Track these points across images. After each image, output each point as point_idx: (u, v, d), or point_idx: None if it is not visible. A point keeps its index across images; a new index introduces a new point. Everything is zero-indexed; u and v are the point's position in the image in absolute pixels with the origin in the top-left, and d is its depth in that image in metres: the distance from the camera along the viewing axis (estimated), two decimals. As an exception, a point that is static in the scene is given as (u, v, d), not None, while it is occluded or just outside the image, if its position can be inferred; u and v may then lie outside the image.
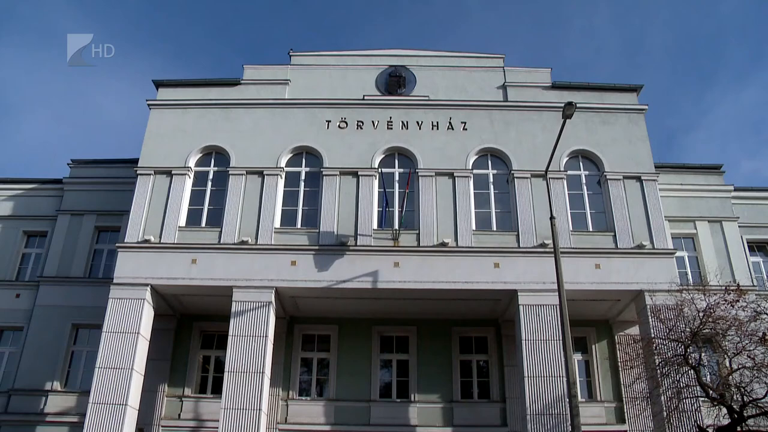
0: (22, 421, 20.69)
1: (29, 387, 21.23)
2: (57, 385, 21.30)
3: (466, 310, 21.58)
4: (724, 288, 16.94)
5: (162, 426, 20.66)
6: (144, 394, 19.72)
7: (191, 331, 22.16)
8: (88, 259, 23.38)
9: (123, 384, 18.52)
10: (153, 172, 21.63)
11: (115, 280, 19.81)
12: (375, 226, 20.81)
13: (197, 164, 22.17)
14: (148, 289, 19.70)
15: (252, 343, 19.11)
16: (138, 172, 21.62)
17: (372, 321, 22.05)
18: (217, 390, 20.31)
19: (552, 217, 16.99)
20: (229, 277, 19.82)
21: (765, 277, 23.64)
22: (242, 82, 23.39)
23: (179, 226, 20.84)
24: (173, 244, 20.41)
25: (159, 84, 23.34)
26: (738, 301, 16.27)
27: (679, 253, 21.98)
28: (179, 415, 20.88)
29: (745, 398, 15.27)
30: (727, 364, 16.22)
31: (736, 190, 24.35)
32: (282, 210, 21.37)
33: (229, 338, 19.19)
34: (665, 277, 19.57)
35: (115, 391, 18.42)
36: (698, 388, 16.22)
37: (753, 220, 24.12)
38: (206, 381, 21.72)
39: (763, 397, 15.12)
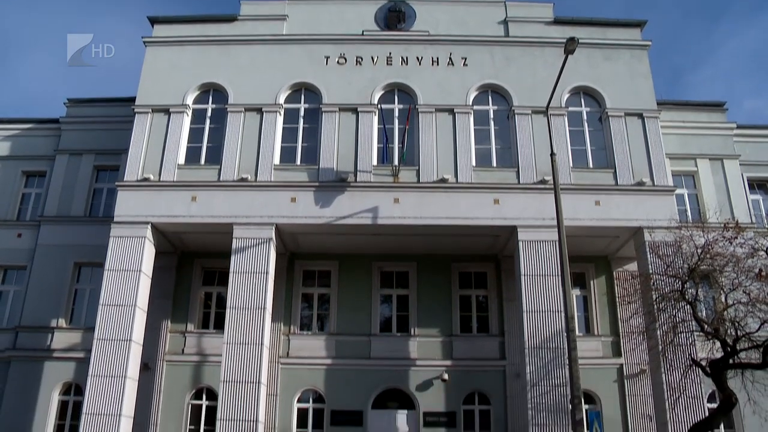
0: (30, 356, 21.09)
1: (35, 324, 21.56)
2: (62, 322, 21.64)
3: (465, 246, 21.67)
4: (722, 225, 16.97)
5: (166, 361, 21.08)
6: (147, 330, 20.00)
7: (192, 268, 22.35)
8: (87, 199, 23.42)
9: (127, 320, 18.82)
10: (150, 111, 21.37)
11: (115, 219, 19.87)
12: (375, 162, 20.74)
13: (195, 102, 21.91)
14: (149, 227, 19.78)
15: (253, 279, 19.30)
16: (135, 110, 21.38)
17: (372, 257, 22.20)
18: (219, 325, 20.54)
19: (552, 154, 16.92)
20: (229, 214, 19.86)
21: (764, 214, 23.69)
22: (239, 17, 22.88)
23: (178, 164, 20.75)
24: (173, 182, 20.39)
25: (154, 20, 22.83)
26: (736, 238, 16.30)
27: (679, 191, 21.92)
28: (182, 350, 21.28)
29: (738, 332, 15.48)
30: (723, 300, 16.38)
31: (738, 127, 24.16)
32: (281, 147, 21.22)
33: (231, 275, 19.38)
34: (664, 214, 19.55)
35: (119, 328, 18.74)
36: (693, 322, 16.40)
37: (754, 158, 23.96)
38: (208, 317, 22.05)
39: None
